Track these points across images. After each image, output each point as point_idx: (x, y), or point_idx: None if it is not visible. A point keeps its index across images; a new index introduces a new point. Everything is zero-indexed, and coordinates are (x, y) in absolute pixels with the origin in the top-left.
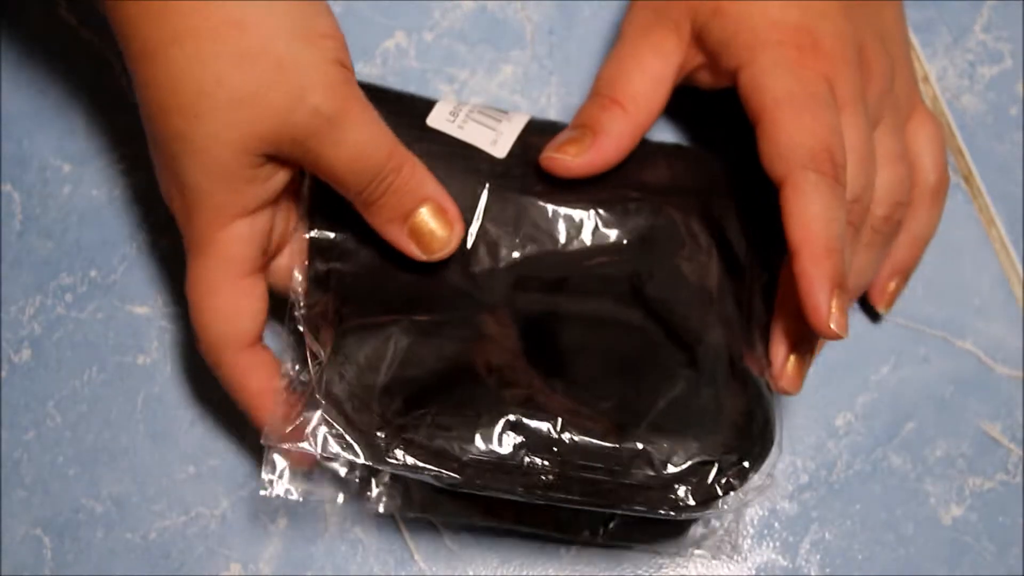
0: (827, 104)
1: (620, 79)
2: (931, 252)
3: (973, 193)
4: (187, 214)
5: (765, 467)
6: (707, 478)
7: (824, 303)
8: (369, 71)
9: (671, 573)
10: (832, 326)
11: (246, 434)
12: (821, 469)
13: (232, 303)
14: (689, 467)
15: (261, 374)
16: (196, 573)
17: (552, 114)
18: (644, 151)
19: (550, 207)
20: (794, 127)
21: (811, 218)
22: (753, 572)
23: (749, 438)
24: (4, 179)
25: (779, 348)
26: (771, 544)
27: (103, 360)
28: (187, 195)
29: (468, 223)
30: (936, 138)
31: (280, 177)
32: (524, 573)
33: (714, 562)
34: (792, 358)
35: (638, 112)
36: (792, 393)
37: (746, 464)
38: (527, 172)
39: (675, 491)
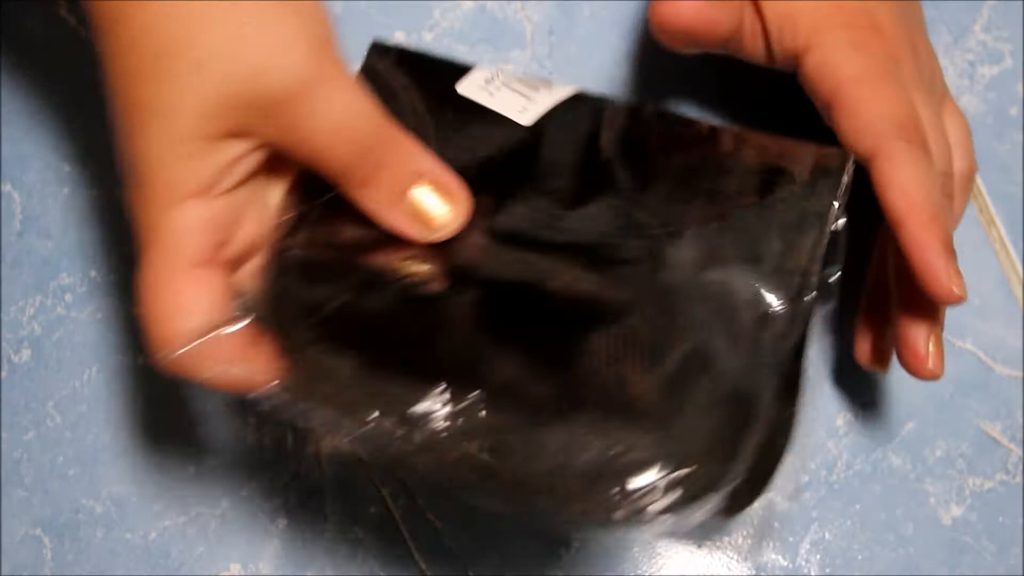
0: (901, 80)
1: None
2: None
3: (973, 193)
4: (138, 193)
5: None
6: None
7: (943, 267)
8: None
9: (671, 573)
10: (954, 289)
11: (246, 434)
12: (821, 469)
13: (183, 296)
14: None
15: (211, 359)
16: (196, 573)
17: None
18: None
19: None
20: (876, 100)
21: (911, 186)
22: (753, 572)
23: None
24: (4, 179)
25: (916, 332)
26: (771, 544)
27: (103, 360)
28: (139, 170)
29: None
30: (965, 128)
31: (246, 162)
32: (524, 573)
33: (714, 562)
34: (932, 339)
35: None
36: (938, 376)
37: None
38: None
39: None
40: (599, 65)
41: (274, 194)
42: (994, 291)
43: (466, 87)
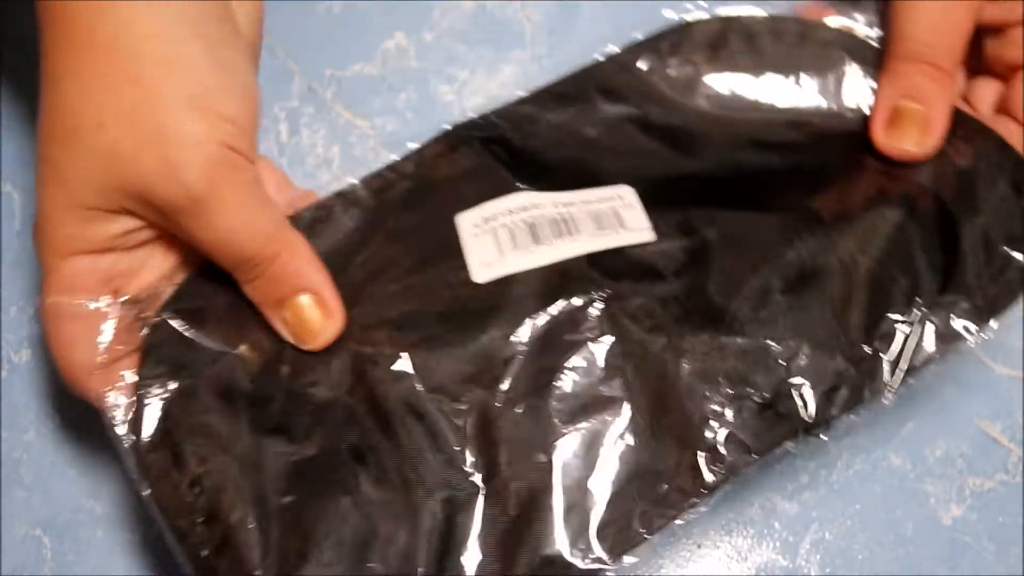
0: None
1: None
2: None
3: None
4: (38, 234)
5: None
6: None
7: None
8: (369, 71)
9: (671, 573)
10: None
11: None
12: (821, 469)
13: (78, 331)
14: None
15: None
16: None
17: None
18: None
19: None
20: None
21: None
22: (753, 572)
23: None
24: (4, 179)
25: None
26: (771, 544)
27: None
28: (40, 217)
29: None
30: None
31: (141, 234)
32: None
33: (714, 562)
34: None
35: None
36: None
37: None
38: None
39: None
40: None
41: (174, 251)
42: None
43: (464, 218)
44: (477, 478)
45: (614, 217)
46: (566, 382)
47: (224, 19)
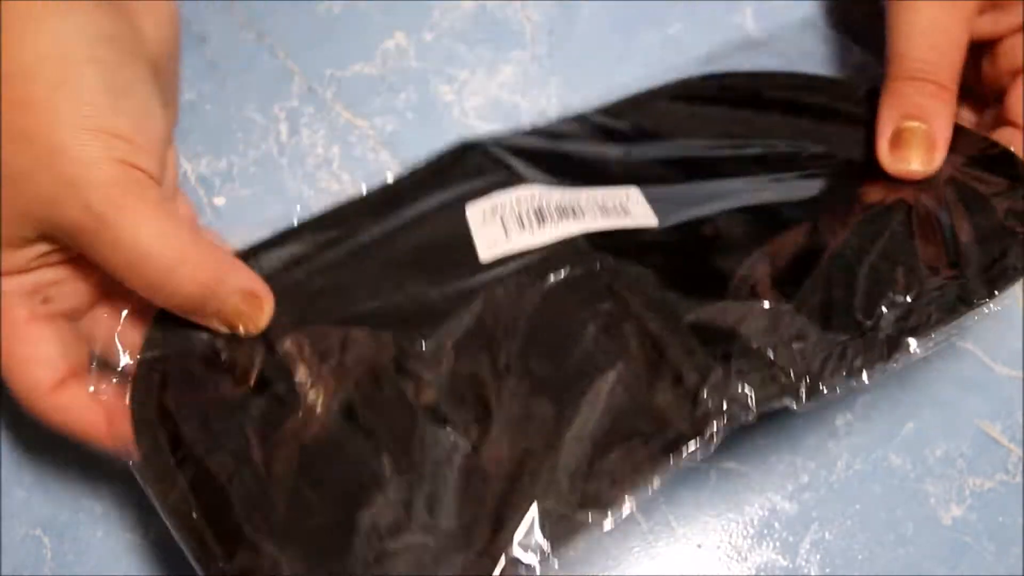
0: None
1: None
2: None
3: None
4: None
5: None
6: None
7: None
8: (369, 71)
9: (672, 573)
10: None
11: None
12: (821, 469)
13: (20, 351)
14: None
15: (77, 413)
16: (196, 573)
17: (552, 114)
18: None
19: None
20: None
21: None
22: (753, 572)
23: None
24: None
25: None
26: (771, 544)
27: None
28: None
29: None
30: None
31: (59, 254)
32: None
33: (714, 562)
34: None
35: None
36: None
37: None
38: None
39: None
40: (599, 65)
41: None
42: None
43: (473, 208)
44: (468, 437)
45: (620, 207)
46: (562, 347)
47: (120, 38)
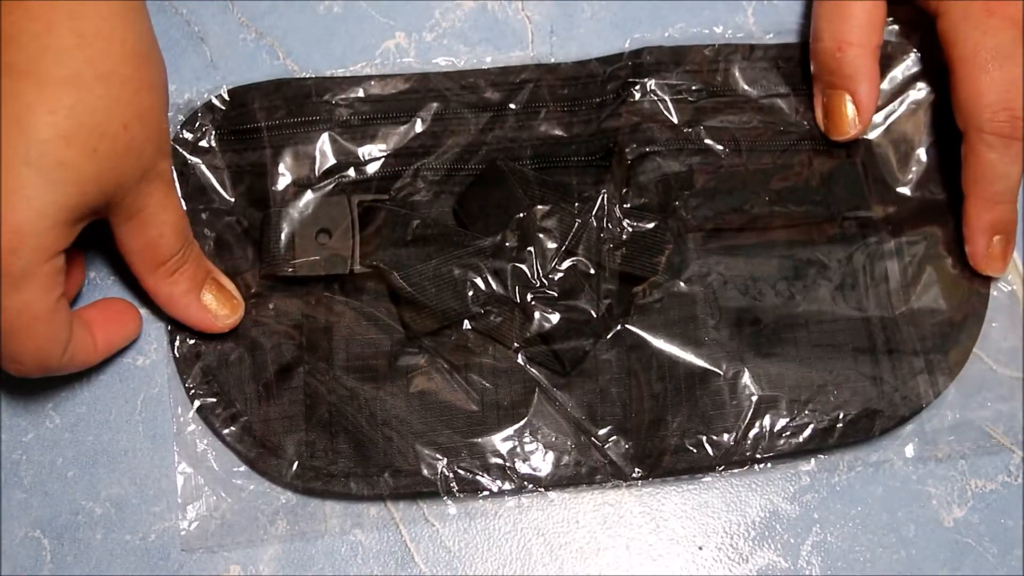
0: (1010, 57)
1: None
2: None
3: None
4: (14, 244)
5: None
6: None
7: (981, 245)
8: (369, 71)
9: (673, 573)
10: (986, 265)
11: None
12: (822, 471)
13: (55, 329)
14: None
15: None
16: (196, 574)
17: None
18: None
19: None
20: (975, 86)
21: (981, 174)
22: (754, 573)
23: None
24: None
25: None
26: (772, 546)
27: (102, 361)
28: (13, 230)
29: None
30: None
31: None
32: (524, 573)
33: (716, 563)
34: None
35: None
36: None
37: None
38: None
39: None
40: None
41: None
42: (995, 291)
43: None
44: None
45: None
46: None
47: None
